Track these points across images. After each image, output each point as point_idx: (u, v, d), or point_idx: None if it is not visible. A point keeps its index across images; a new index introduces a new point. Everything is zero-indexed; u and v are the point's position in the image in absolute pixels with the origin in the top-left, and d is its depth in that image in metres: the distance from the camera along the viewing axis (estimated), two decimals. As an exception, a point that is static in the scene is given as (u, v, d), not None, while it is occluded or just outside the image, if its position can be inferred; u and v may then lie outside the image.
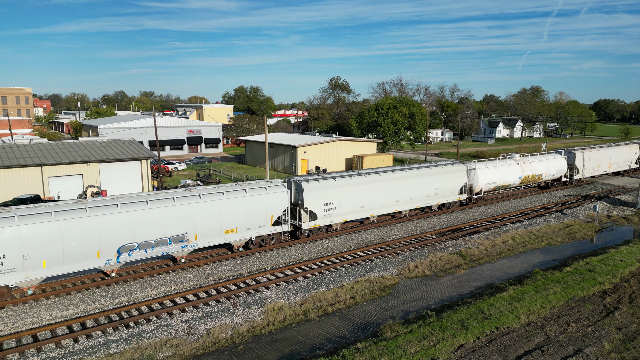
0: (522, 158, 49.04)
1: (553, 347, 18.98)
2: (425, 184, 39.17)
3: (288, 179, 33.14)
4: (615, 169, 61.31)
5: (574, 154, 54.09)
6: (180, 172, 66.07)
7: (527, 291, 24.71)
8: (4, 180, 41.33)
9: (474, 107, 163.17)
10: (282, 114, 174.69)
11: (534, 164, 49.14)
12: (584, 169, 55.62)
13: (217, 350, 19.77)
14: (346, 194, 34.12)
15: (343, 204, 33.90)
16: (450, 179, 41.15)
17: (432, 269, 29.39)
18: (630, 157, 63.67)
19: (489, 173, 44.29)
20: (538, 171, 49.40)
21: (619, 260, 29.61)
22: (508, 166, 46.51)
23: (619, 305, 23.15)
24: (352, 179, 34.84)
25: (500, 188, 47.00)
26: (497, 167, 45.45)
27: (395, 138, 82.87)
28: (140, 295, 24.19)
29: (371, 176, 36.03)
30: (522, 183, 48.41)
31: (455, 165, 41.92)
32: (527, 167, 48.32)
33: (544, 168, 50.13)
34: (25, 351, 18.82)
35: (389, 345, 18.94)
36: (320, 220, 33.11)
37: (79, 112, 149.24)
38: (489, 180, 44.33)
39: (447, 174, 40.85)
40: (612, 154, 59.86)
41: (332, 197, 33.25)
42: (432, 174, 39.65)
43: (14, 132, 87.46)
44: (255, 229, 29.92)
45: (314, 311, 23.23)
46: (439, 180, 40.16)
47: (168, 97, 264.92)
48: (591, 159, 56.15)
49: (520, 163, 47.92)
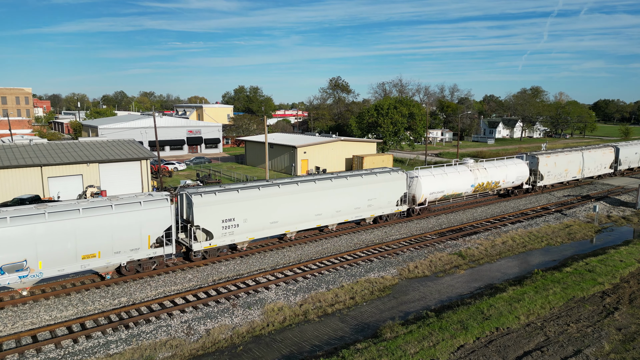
0: (476, 164, 44.77)
1: (553, 348, 18.98)
2: (354, 194, 34.75)
3: (180, 191, 29.03)
4: (587, 174, 56.52)
5: (537, 158, 49.89)
6: (180, 173, 66.07)
7: (527, 291, 24.72)
8: (4, 180, 41.32)
9: (473, 107, 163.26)
10: (282, 114, 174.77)
11: (489, 170, 44.79)
12: (549, 175, 51.21)
13: (217, 350, 19.76)
14: (253, 208, 29.48)
15: (249, 219, 29.32)
16: (386, 189, 36.72)
17: (431, 269, 29.39)
18: (604, 162, 58.95)
19: (434, 181, 39.99)
20: (495, 178, 44.92)
21: (618, 261, 29.62)
22: (458, 173, 42.11)
23: (618, 306, 23.15)
24: (262, 190, 30.22)
25: (450, 197, 42.76)
26: (444, 174, 41.20)
27: (395, 138, 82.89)
28: (140, 296, 24.18)
29: (286, 187, 31.42)
30: (476, 191, 44.20)
31: (394, 173, 37.43)
32: (482, 173, 43.85)
33: (502, 175, 45.75)
34: (25, 352, 18.81)
35: (389, 346, 18.95)
36: (218, 240, 28.57)
37: (78, 112, 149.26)
38: (435, 189, 40.02)
39: (383, 182, 36.44)
40: (582, 158, 55.23)
41: (233, 212, 28.64)
42: (364, 184, 35.29)
43: (14, 132, 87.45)
44: (126, 252, 25.07)
45: (314, 312, 23.23)
46: (373, 190, 35.76)
47: (168, 98, 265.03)
48: (557, 164, 51.74)
49: (473, 169, 43.47)
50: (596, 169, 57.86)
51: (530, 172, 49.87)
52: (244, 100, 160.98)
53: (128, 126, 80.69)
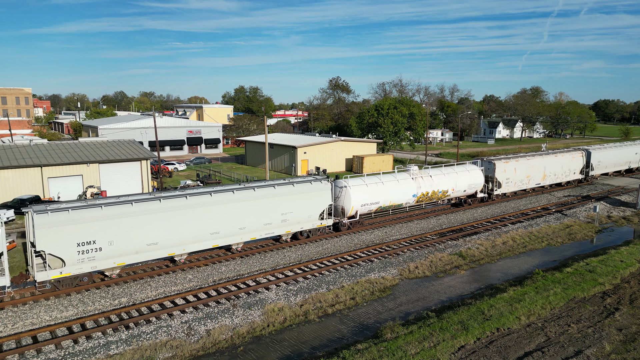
0: (420, 171, 40.35)
1: (553, 348, 18.97)
2: (264, 208, 30.04)
3: (28, 209, 23.59)
4: (552, 180, 52.32)
5: (494, 164, 45.41)
6: (180, 173, 66.06)
7: (528, 292, 24.70)
8: (4, 180, 41.31)
9: (473, 108, 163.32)
10: (282, 115, 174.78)
11: (436, 178, 40.57)
12: (508, 182, 46.98)
13: (217, 351, 19.75)
14: (121, 227, 24.72)
15: (115, 242, 24.56)
16: (306, 201, 32.09)
17: (432, 269, 29.37)
18: (574, 167, 54.42)
19: (366, 191, 35.67)
20: (442, 187, 40.77)
21: (619, 261, 29.60)
22: (397, 182, 37.92)
23: (619, 306, 23.13)
24: (135, 206, 25.29)
25: (388, 209, 38.45)
26: (380, 183, 36.86)
27: (395, 138, 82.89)
28: (140, 296, 24.16)
29: (170, 201, 26.47)
30: (420, 201, 40.06)
31: (316, 183, 32.91)
32: (426, 182, 39.68)
33: (451, 183, 41.52)
34: (25, 352, 18.79)
35: (389, 347, 18.93)
36: (73, 267, 23.64)
37: (78, 112, 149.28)
38: (367, 200, 35.74)
39: (302, 194, 31.83)
40: (547, 163, 51.03)
41: (93, 234, 23.86)
42: (276, 195, 30.59)
43: (14, 133, 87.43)
44: None
45: (314, 312, 23.21)
46: (288, 203, 31.15)
47: (168, 98, 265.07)
48: (517, 169, 47.52)
49: (416, 178, 39.26)
50: (564, 175, 53.54)
51: (487, 179, 45.91)
52: (244, 101, 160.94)
53: (128, 126, 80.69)
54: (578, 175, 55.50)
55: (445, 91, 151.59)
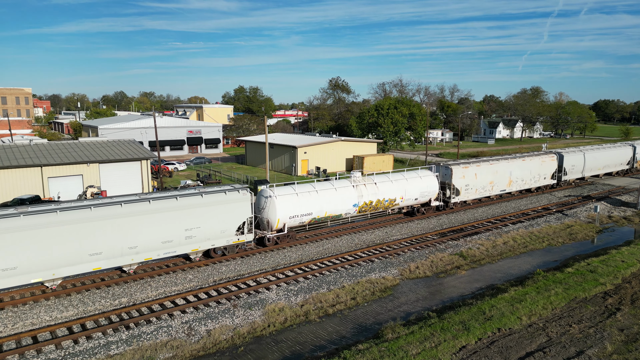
0: (363, 178, 36.69)
1: (555, 349, 18.92)
2: (163, 223, 26.08)
3: None
4: (520, 186, 48.77)
5: (451, 169, 41.69)
6: (180, 173, 66.02)
7: (529, 292, 24.65)
8: (4, 180, 41.25)
9: (474, 108, 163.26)
10: (282, 115, 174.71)
11: (382, 185, 36.87)
12: (468, 189, 43.19)
13: (218, 351, 19.70)
14: None
15: None
16: (218, 214, 28.20)
17: (433, 269, 29.32)
18: (544, 171, 50.83)
19: (296, 201, 32.05)
20: (388, 195, 37.16)
21: (620, 261, 29.55)
22: (335, 190, 34.22)
23: (620, 306, 23.09)
24: None
25: (326, 220, 34.92)
26: (313, 192, 33.18)
27: (396, 138, 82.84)
28: (141, 296, 24.11)
29: (35, 218, 22.58)
30: (363, 211, 36.61)
31: (231, 193, 28.85)
32: (370, 190, 36.03)
33: (399, 190, 37.86)
34: (25, 352, 18.75)
35: (390, 347, 18.88)
36: None
37: (78, 112, 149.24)
38: (297, 212, 32.12)
39: (212, 206, 27.93)
40: (514, 168, 47.37)
41: None
42: (180, 208, 26.64)
43: (14, 133, 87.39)
44: None
45: (315, 312, 23.17)
46: (195, 216, 27.25)
47: (168, 98, 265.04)
48: (479, 175, 43.81)
49: (358, 185, 35.63)
50: (533, 181, 49.91)
51: (444, 185, 42.29)
52: (244, 101, 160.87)
53: (128, 126, 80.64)
54: (549, 180, 51.85)
55: (445, 91, 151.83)
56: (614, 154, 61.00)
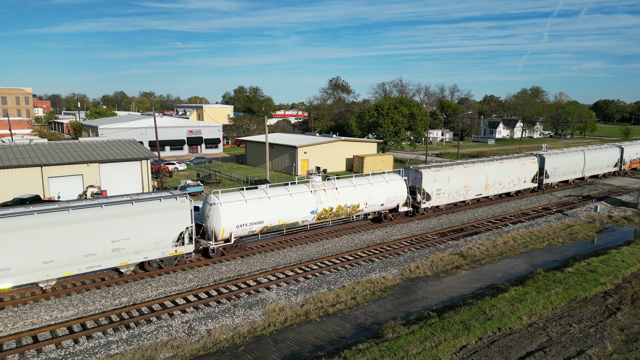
0: (323, 183, 34.34)
1: (555, 348, 18.92)
2: (84, 235, 23.63)
3: None
4: (498, 190, 46.17)
5: (420, 173, 39.45)
6: (181, 173, 66.01)
7: (529, 292, 24.65)
8: (4, 180, 41.26)
9: (474, 108, 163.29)
10: (282, 115, 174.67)
11: (343, 190, 34.41)
12: (440, 194, 40.91)
13: (218, 351, 19.70)
14: None
15: None
16: (151, 223, 25.58)
17: (433, 269, 29.32)
18: (524, 174, 48.53)
19: (244, 209, 29.48)
20: (351, 200, 34.76)
21: (620, 261, 29.55)
22: (290, 196, 31.88)
23: (621, 306, 23.08)
24: None
25: (279, 228, 32.30)
26: (265, 198, 30.63)
27: (396, 138, 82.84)
28: (141, 296, 24.11)
29: None
30: (322, 218, 33.98)
31: (167, 201, 26.21)
32: (330, 195, 33.59)
33: (363, 196, 35.43)
34: (26, 352, 18.75)
35: (391, 346, 18.88)
36: None
37: (78, 112, 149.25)
38: (246, 220, 29.52)
39: (144, 215, 25.31)
40: (490, 171, 44.96)
41: None
42: (105, 218, 24.17)
43: (14, 133, 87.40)
44: None
45: (315, 312, 23.17)
46: (123, 227, 24.65)
47: (168, 98, 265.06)
48: (452, 179, 41.48)
49: (317, 191, 33.15)
50: (512, 184, 47.63)
51: (414, 190, 39.95)
52: (244, 101, 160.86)
53: (128, 126, 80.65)
54: (530, 183, 49.55)
55: (445, 91, 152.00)
56: (600, 155, 58.48)
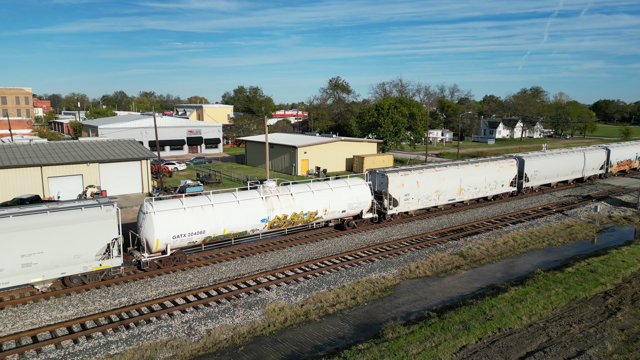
0: (278, 188, 31.90)
1: (555, 349, 18.90)
2: None
3: None
4: (473, 195, 44.07)
5: (387, 177, 36.96)
6: (180, 173, 65.99)
7: (529, 292, 24.63)
8: (4, 180, 41.24)
9: (474, 108, 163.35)
10: (282, 115, 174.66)
11: (299, 196, 32.02)
12: (408, 199, 38.44)
13: (218, 351, 19.68)
14: None
15: None
16: (71, 235, 23.30)
17: (433, 269, 29.30)
18: (502, 178, 46.21)
19: (182, 218, 26.88)
20: (308, 207, 32.32)
21: (620, 261, 29.53)
22: (237, 203, 29.19)
23: (621, 306, 23.07)
24: None
25: (225, 238, 29.48)
26: (207, 206, 28.00)
27: (396, 138, 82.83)
28: (141, 296, 24.09)
29: None
30: (275, 227, 31.22)
31: (89, 210, 23.93)
32: (284, 202, 31.12)
33: (323, 202, 33.09)
34: (25, 352, 18.73)
35: (391, 347, 18.86)
36: None
37: (78, 112, 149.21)
38: (184, 230, 26.90)
39: (62, 226, 23.05)
40: (464, 174, 42.70)
41: None
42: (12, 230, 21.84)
43: (14, 132, 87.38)
44: None
45: (315, 312, 23.15)
46: (36, 239, 22.37)
47: (168, 98, 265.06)
48: (421, 183, 39.06)
49: (269, 197, 30.65)
50: (489, 188, 45.21)
51: (380, 195, 37.64)
52: (244, 101, 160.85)
53: (128, 126, 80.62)
54: (508, 187, 47.33)
55: (445, 91, 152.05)
56: (585, 158, 56.05)
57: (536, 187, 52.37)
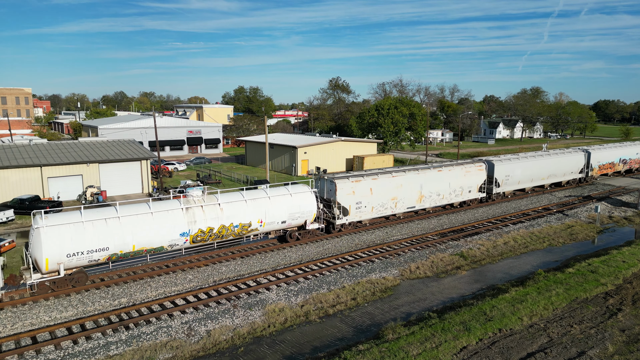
0: (204, 197, 28.62)
1: (556, 349, 18.85)
2: None
3: None
4: (436, 202, 41.02)
5: (335, 184, 34.20)
6: (180, 173, 65.94)
7: (530, 292, 24.58)
8: (4, 180, 41.20)
9: (474, 108, 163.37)
10: (282, 115, 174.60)
11: (228, 207, 28.77)
12: (360, 208, 35.43)
13: (218, 352, 19.63)
14: None
15: None
16: None
17: (433, 270, 29.25)
18: (469, 183, 43.31)
19: (80, 232, 23.80)
20: (240, 218, 29.06)
21: (621, 262, 29.48)
22: (151, 215, 26.01)
23: (621, 307, 23.01)
24: None
25: (139, 254, 26.31)
26: (112, 219, 24.94)
27: (396, 138, 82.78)
28: (140, 297, 24.04)
29: None
30: (197, 241, 27.86)
31: None
32: (209, 213, 27.88)
33: (258, 212, 29.85)
34: (25, 353, 18.68)
35: (391, 347, 18.81)
36: None
37: (78, 112, 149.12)
38: (81, 247, 23.74)
39: None
40: (425, 180, 39.62)
41: None
42: None
43: (14, 133, 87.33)
44: None
45: (315, 312, 23.10)
46: None
47: (168, 98, 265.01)
48: (375, 190, 36.25)
49: (191, 207, 27.43)
50: (454, 195, 42.38)
51: (329, 203, 34.70)
52: (244, 101, 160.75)
53: (128, 126, 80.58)
54: (476, 193, 44.47)
55: (445, 91, 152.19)
56: (562, 161, 53.40)
57: (509, 193, 49.12)
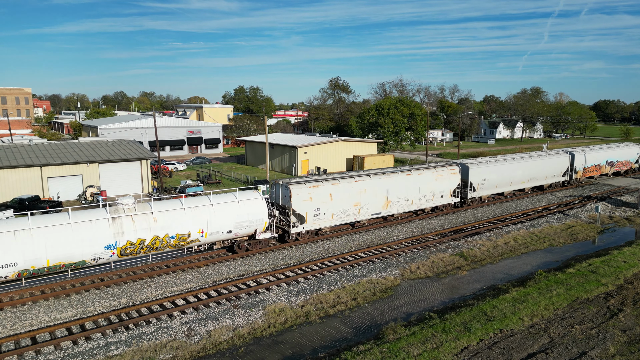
0: (137, 205, 25.96)
1: (557, 350, 18.80)
2: None
3: None
4: (404, 207, 38.74)
5: (289, 189, 31.68)
6: (180, 173, 65.89)
7: (530, 293, 24.53)
8: (4, 180, 41.17)
9: (474, 108, 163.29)
10: (282, 115, 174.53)
11: (162, 215, 26.14)
12: (318, 215, 33.04)
13: (218, 352, 19.59)
14: None
15: None
16: None
17: (433, 270, 29.20)
18: (441, 187, 41.18)
19: None
20: (177, 228, 26.43)
21: (622, 262, 29.43)
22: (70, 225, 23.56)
23: (622, 307, 22.97)
24: None
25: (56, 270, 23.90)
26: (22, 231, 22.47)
27: (396, 138, 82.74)
28: (140, 297, 23.99)
29: None
30: (127, 254, 25.38)
31: None
32: (139, 223, 25.28)
33: (199, 221, 27.24)
34: (24, 353, 18.63)
35: (391, 348, 18.76)
36: None
37: (78, 112, 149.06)
38: None
39: None
40: (392, 184, 37.44)
41: None
42: None
43: (14, 133, 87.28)
44: None
45: (315, 313, 23.05)
46: None
47: (168, 98, 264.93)
48: (336, 195, 33.79)
49: (118, 217, 24.82)
50: (424, 200, 40.28)
51: (285, 210, 32.28)
52: (244, 101, 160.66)
53: (128, 126, 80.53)
54: (450, 198, 42.27)
55: (445, 91, 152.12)
56: (544, 163, 51.34)
57: (486, 197, 46.91)
